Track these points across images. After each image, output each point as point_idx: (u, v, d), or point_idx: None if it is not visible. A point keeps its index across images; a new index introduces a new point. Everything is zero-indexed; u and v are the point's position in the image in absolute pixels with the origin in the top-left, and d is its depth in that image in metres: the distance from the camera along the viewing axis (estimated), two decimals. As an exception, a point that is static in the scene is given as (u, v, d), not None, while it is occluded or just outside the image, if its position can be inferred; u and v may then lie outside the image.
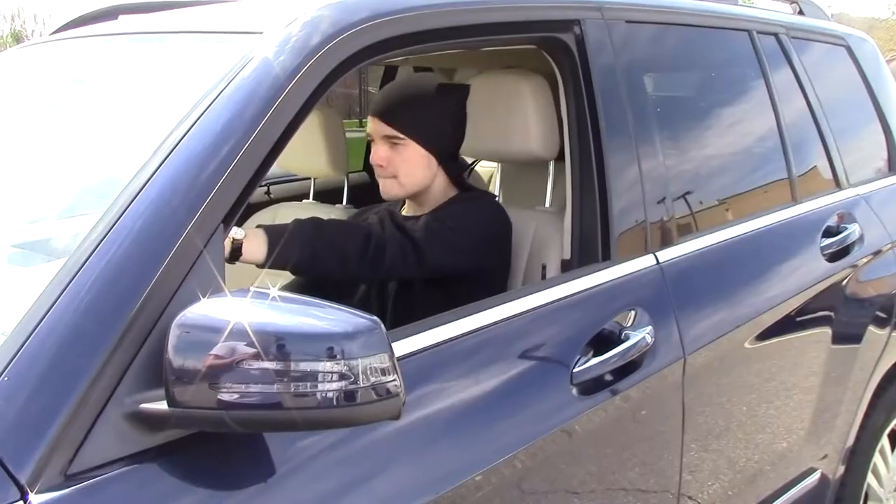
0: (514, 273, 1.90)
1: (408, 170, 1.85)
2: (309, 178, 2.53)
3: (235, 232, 1.43)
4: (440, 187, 1.89)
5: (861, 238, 2.32)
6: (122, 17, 2.06)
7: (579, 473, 1.53)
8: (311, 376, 0.94)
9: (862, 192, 2.49)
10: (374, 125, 1.85)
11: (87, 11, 2.46)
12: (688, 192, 1.92)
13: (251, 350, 0.93)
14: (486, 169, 2.88)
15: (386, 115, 1.85)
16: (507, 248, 1.83)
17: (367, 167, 3.41)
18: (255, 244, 1.48)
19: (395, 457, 1.21)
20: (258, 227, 1.53)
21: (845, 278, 2.25)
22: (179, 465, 1.00)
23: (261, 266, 1.50)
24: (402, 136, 1.82)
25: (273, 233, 1.52)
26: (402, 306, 1.78)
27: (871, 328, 2.36)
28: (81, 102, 1.50)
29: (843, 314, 2.26)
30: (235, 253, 1.44)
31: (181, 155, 1.10)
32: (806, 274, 2.12)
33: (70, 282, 0.98)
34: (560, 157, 1.82)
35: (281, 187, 3.03)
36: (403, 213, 1.96)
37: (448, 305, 1.55)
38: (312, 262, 1.56)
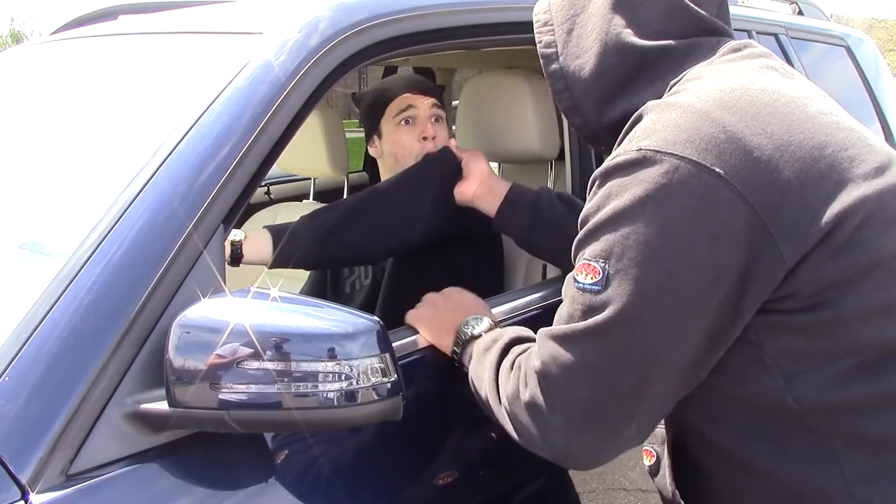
0: (514, 273, 1.90)
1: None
2: (309, 178, 2.53)
3: (234, 233, 1.42)
4: None
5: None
6: (122, 17, 2.06)
7: (580, 473, 1.53)
8: (312, 376, 0.94)
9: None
10: (425, 100, 1.83)
11: (87, 11, 2.46)
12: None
13: (252, 350, 0.93)
14: (486, 169, 2.88)
15: (435, 93, 1.88)
16: None
17: (368, 167, 3.42)
18: (257, 243, 1.46)
19: (396, 456, 1.21)
20: (263, 227, 1.51)
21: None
22: (179, 465, 1.00)
23: (266, 264, 1.47)
24: (444, 112, 1.86)
25: (275, 230, 1.49)
26: (396, 283, 1.74)
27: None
28: (82, 103, 1.50)
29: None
30: (236, 254, 1.43)
31: (181, 155, 1.10)
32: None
33: (71, 282, 0.98)
34: (560, 157, 1.82)
35: (281, 187, 3.03)
36: None
37: (447, 276, 1.56)
38: (321, 252, 1.52)
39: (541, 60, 1.13)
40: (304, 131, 1.29)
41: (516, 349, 1.12)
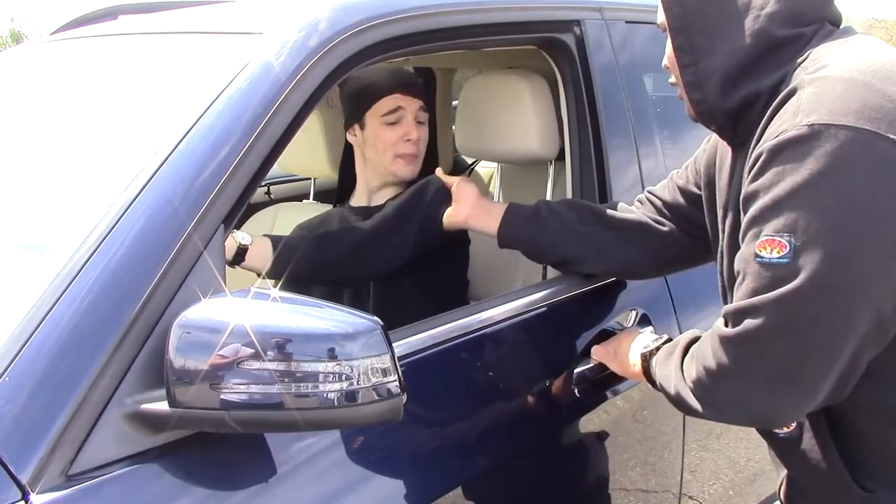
0: (514, 273, 1.90)
1: (424, 148, 1.90)
2: (309, 178, 2.53)
3: (242, 237, 1.46)
4: None
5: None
6: (122, 17, 2.06)
7: (580, 473, 1.53)
8: (312, 377, 0.94)
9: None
10: (413, 102, 1.87)
11: (87, 11, 2.46)
12: (688, 192, 1.92)
13: (252, 350, 0.93)
14: (486, 169, 2.88)
15: (422, 95, 1.90)
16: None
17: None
18: (260, 250, 1.51)
19: (396, 457, 1.21)
20: (264, 235, 1.58)
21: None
22: (180, 465, 1.00)
23: (261, 274, 1.54)
24: (427, 114, 1.90)
25: (276, 242, 1.56)
26: (385, 289, 1.80)
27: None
28: (82, 103, 1.50)
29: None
30: (239, 257, 1.46)
31: (181, 155, 1.10)
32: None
33: (71, 282, 0.98)
34: (560, 157, 1.82)
35: (281, 187, 3.03)
36: (359, 204, 1.96)
37: (419, 289, 1.62)
38: (316, 274, 1.62)
39: (668, 32, 1.16)
40: (304, 131, 1.29)
41: (694, 344, 1.18)
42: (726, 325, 1.06)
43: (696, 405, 1.12)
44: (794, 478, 1.26)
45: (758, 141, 1.05)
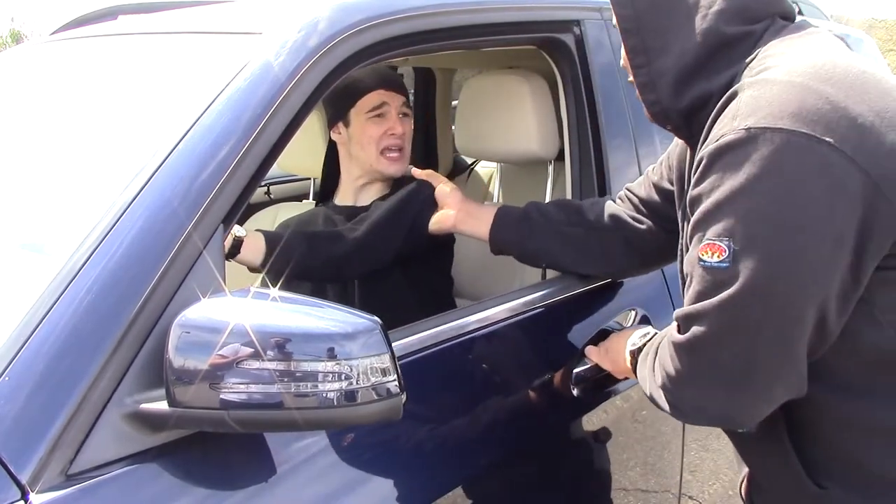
0: (514, 273, 1.91)
1: (409, 143, 1.91)
2: (309, 178, 2.53)
3: (238, 230, 1.49)
4: None
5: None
6: (122, 17, 2.06)
7: (580, 474, 1.53)
8: (312, 376, 0.94)
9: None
10: (397, 98, 1.89)
11: (87, 11, 2.47)
12: (688, 192, 1.92)
13: (251, 350, 0.93)
14: (486, 169, 2.88)
15: (405, 91, 1.91)
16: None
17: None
18: (254, 245, 1.52)
19: (395, 457, 1.21)
20: (257, 230, 1.60)
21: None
22: (179, 465, 1.00)
23: (254, 269, 1.57)
24: (411, 109, 1.91)
25: (271, 239, 1.58)
26: (371, 289, 1.82)
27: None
28: (81, 103, 1.50)
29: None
30: (234, 250, 1.49)
31: (181, 155, 1.10)
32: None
33: (71, 282, 0.98)
34: (560, 157, 1.82)
35: (281, 187, 3.03)
36: (343, 203, 1.97)
37: (408, 286, 1.65)
38: (309, 272, 1.65)
39: (621, 34, 1.15)
40: (303, 131, 1.29)
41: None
42: (678, 331, 1.06)
43: (666, 407, 1.13)
44: (753, 474, 1.27)
45: (703, 143, 1.05)
